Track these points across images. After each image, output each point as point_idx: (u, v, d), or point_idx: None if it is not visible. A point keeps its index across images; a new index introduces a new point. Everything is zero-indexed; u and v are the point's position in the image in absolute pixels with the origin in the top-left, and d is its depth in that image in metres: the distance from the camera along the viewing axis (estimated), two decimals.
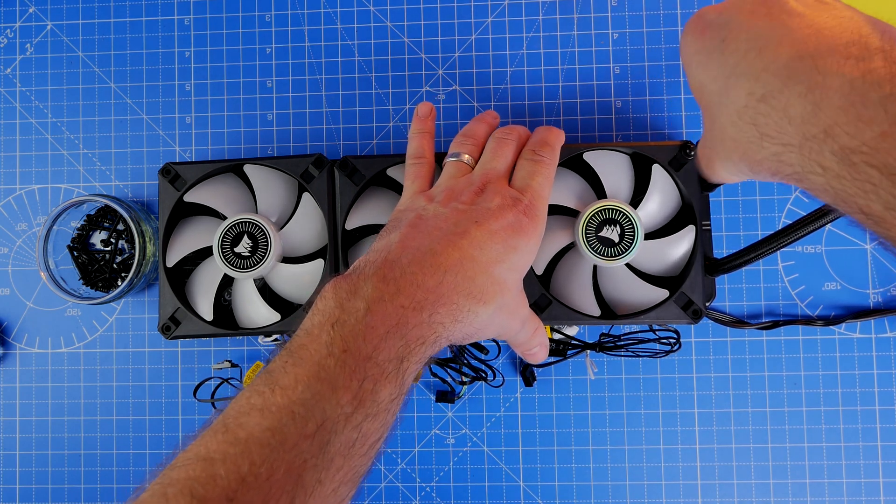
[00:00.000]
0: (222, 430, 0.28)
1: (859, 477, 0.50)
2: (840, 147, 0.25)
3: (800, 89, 0.26)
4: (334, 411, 0.29)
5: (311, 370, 0.30)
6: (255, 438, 0.28)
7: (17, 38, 0.57)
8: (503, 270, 0.36)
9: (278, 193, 0.50)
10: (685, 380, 0.51)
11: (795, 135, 0.27)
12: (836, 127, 0.25)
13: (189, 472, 0.27)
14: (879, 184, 0.24)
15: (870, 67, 0.25)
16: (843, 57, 0.25)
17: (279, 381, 0.30)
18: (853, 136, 0.24)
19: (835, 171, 0.25)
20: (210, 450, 0.28)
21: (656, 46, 0.53)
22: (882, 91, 0.24)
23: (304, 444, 0.28)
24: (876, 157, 0.24)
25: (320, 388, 0.29)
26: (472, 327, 0.35)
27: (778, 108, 0.27)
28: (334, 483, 0.29)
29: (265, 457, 0.27)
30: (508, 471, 0.52)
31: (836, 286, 0.51)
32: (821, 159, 0.26)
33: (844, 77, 0.25)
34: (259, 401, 0.29)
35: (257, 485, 0.27)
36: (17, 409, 0.55)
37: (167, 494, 0.26)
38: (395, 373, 0.31)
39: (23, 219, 0.56)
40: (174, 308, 0.48)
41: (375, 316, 0.31)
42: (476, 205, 0.37)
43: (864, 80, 0.24)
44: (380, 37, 0.55)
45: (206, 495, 0.26)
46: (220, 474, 0.27)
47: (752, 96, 0.29)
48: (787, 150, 0.28)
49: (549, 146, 0.41)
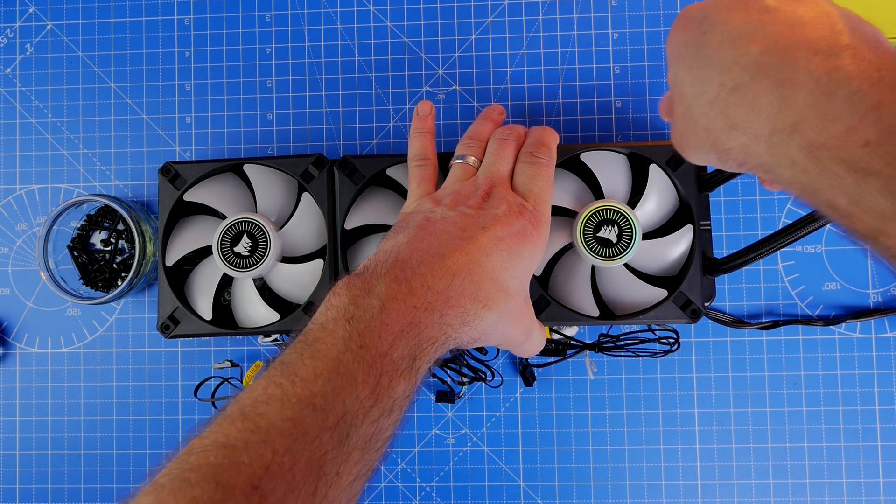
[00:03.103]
0: (241, 417, 0.28)
1: (859, 477, 0.50)
2: (807, 142, 0.25)
3: (768, 84, 0.27)
4: (354, 405, 0.30)
5: (329, 364, 0.30)
6: (276, 428, 0.28)
7: (17, 38, 0.57)
8: (507, 277, 0.36)
9: (278, 193, 0.50)
10: (685, 380, 0.51)
11: (763, 127, 0.27)
12: (803, 122, 0.25)
13: (210, 458, 0.27)
14: (845, 178, 0.24)
15: (837, 64, 0.25)
16: (812, 53, 0.26)
17: (298, 373, 0.30)
18: (820, 132, 0.25)
19: (802, 164, 0.26)
20: (230, 437, 0.27)
21: (656, 46, 0.53)
22: (849, 87, 0.24)
23: (325, 435, 0.28)
24: (842, 152, 0.24)
25: (340, 382, 0.30)
26: (477, 331, 0.35)
27: (747, 101, 0.28)
28: (351, 476, 0.29)
29: (287, 446, 0.27)
30: (508, 471, 0.52)
31: (836, 286, 0.51)
32: (788, 153, 0.26)
33: (812, 73, 0.25)
34: (278, 391, 0.29)
35: (281, 474, 0.27)
36: (17, 409, 0.55)
37: (189, 480, 0.26)
38: (408, 370, 0.32)
39: (23, 219, 0.56)
40: (173, 307, 0.48)
41: (390, 314, 0.32)
42: (483, 210, 0.38)
43: (832, 76, 0.25)
44: (380, 37, 0.55)
45: (231, 482, 0.26)
46: (243, 461, 0.27)
47: (724, 87, 0.29)
48: (755, 142, 0.28)
49: (546, 146, 0.41)
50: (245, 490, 0.26)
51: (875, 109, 0.23)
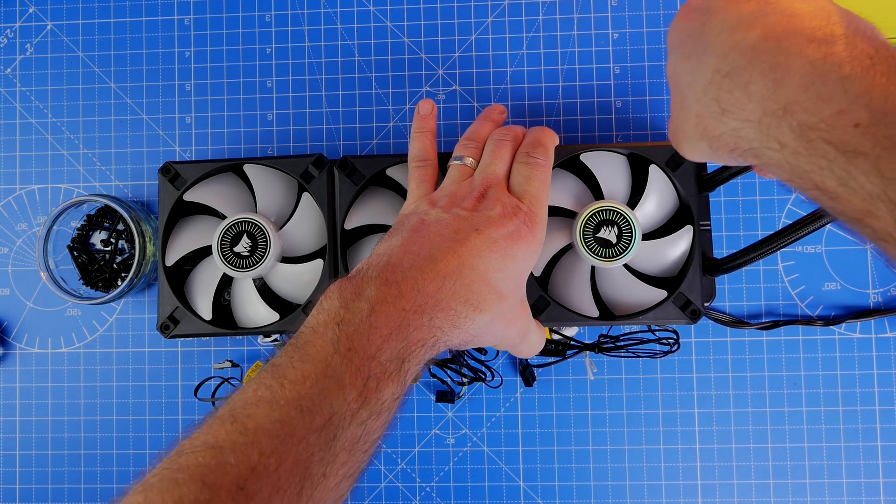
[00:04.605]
0: (230, 419, 0.29)
1: (859, 477, 0.50)
2: (798, 123, 0.26)
3: (763, 67, 0.28)
4: (341, 407, 0.30)
5: (318, 367, 0.31)
6: (263, 429, 0.28)
7: (17, 38, 0.57)
8: (500, 279, 0.36)
9: (278, 193, 0.50)
10: (685, 380, 0.51)
11: (755, 111, 0.28)
12: (795, 104, 0.26)
13: (198, 458, 0.27)
14: (834, 160, 0.25)
15: (831, 51, 0.26)
16: (807, 40, 0.27)
17: (287, 376, 0.30)
18: (811, 114, 0.25)
19: (792, 147, 0.26)
20: (218, 438, 0.28)
21: (656, 46, 0.53)
22: (842, 72, 0.25)
23: (312, 437, 0.29)
24: (832, 133, 0.25)
25: (327, 385, 0.30)
26: (469, 334, 0.36)
27: (740, 85, 0.29)
28: (337, 477, 0.30)
29: (274, 448, 0.28)
30: (508, 471, 0.52)
31: (836, 286, 0.51)
32: (778, 135, 0.27)
33: (806, 58, 0.26)
34: (267, 393, 0.30)
35: (267, 474, 0.27)
36: (17, 409, 0.55)
37: (177, 480, 0.26)
38: (396, 373, 0.32)
39: (23, 219, 0.56)
40: (173, 307, 0.48)
41: (379, 317, 0.32)
42: (477, 211, 0.38)
43: (826, 61, 0.25)
44: (380, 37, 0.55)
45: (217, 483, 0.26)
46: (230, 462, 0.27)
47: (718, 73, 0.30)
48: (746, 126, 0.29)
49: (544, 147, 0.41)
50: (231, 490, 0.26)
51: (866, 93, 0.24)
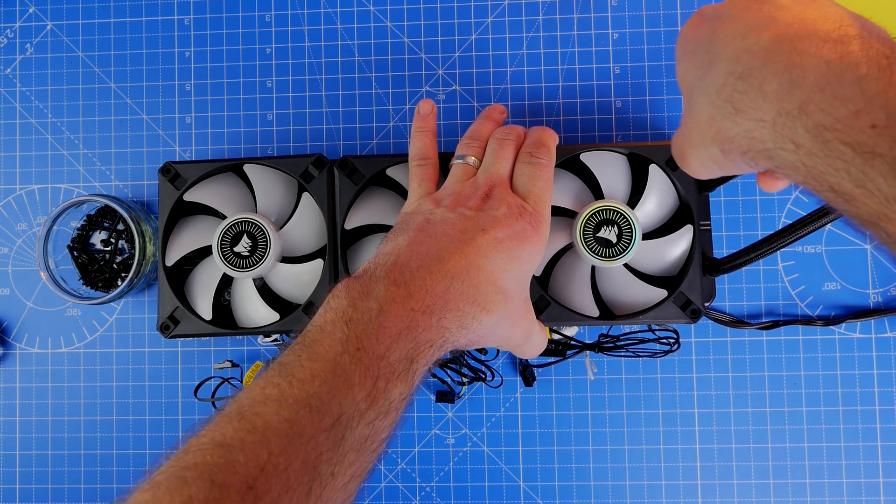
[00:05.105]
0: (238, 417, 0.28)
1: (859, 477, 0.50)
2: (814, 124, 0.25)
3: (777, 67, 0.27)
4: (350, 407, 0.30)
5: (326, 365, 0.30)
6: (272, 428, 0.28)
7: (17, 38, 0.57)
8: (506, 279, 0.36)
9: (278, 193, 0.50)
10: (685, 380, 0.51)
11: (769, 111, 0.28)
12: (810, 104, 0.26)
13: (206, 457, 0.27)
14: (851, 161, 0.24)
15: (847, 50, 0.25)
16: (821, 41, 0.26)
17: (295, 374, 0.30)
18: (827, 113, 0.25)
19: (807, 147, 0.26)
20: (226, 436, 0.28)
21: (656, 46, 0.53)
22: (858, 72, 0.25)
23: (321, 437, 0.29)
24: (849, 134, 0.24)
25: (336, 384, 0.30)
26: (475, 334, 0.36)
27: (754, 85, 0.28)
28: (346, 477, 0.30)
29: (283, 447, 0.28)
30: (508, 471, 0.52)
31: (836, 286, 0.51)
32: (793, 135, 0.26)
33: (822, 58, 0.26)
34: (275, 392, 0.29)
35: (276, 474, 0.27)
36: (17, 409, 0.55)
37: (186, 478, 0.26)
38: (405, 373, 0.32)
39: (23, 219, 0.56)
40: (173, 307, 0.48)
41: (388, 317, 0.32)
42: (483, 211, 0.38)
43: (842, 61, 0.25)
44: (380, 37, 0.55)
45: (226, 481, 0.26)
46: (239, 461, 0.27)
47: (732, 75, 0.29)
48: (760, 126, 0.28)
49: (546, 147, 0.41)
50: (240, 489, 0.26)
51: (883, 93, 0.24)
